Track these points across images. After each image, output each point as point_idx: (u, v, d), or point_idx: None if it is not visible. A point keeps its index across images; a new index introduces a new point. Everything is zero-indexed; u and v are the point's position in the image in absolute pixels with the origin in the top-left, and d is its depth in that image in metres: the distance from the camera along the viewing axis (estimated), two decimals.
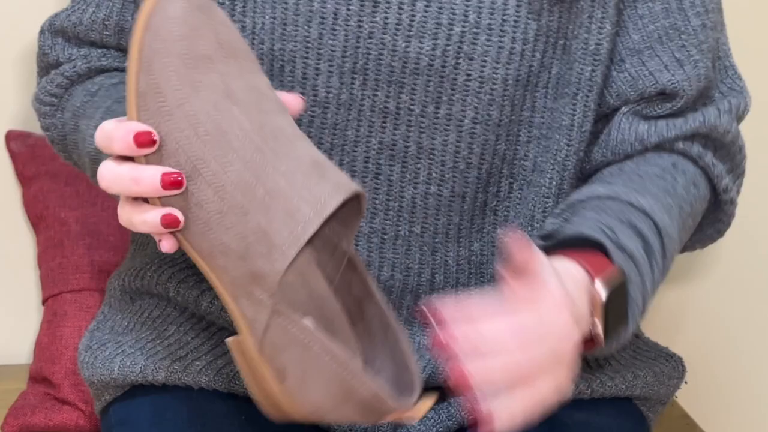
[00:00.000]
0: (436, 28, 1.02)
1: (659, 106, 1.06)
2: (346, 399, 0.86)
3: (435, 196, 1.05)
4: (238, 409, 1.05)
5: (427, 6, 1.02)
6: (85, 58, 1.11)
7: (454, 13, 1.02)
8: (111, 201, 1.41)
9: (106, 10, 1.09)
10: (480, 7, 1.02)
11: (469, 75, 1.02)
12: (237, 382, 1.05)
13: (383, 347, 0.92)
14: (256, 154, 0.84)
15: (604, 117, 1.08)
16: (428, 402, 0.89)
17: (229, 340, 0.87)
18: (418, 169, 1.04)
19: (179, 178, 0.84)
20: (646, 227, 1.00)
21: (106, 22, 1.09)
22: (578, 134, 1.06)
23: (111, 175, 0.85)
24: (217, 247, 0.84)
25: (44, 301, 1.39)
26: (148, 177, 0.83)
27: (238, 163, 0.84)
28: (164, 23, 0.84)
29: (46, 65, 1.13)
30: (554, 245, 0.96)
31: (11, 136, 1.44)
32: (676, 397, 1.33)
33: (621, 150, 1.07)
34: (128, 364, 1.07)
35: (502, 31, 1.02)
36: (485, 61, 1.02)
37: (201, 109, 0.84)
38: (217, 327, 1.08)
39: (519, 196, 1.07)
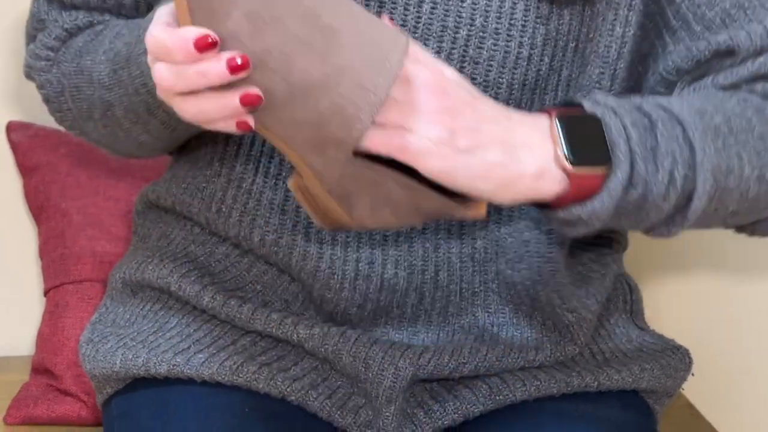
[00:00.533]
0: (442, 31, 1.01)
1: (718, 65, 1.01)
2: (416, 212, 0.90)
3: None
4: (241, 402, 1.05)
5: (433, 8, 1.01)
6: (86, 16, 1.09)
7: (460, 17, 1.01)
8: (114, 191, 1.41)
9: None
10: (487, 11, 1.01)
11: (473, 79, 1.02)
12: (239, 375, 1.05)
13: None
14: (317, 33, 0.85)
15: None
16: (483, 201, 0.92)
17: (291, 183, 0.90)
18: None
19: (243, 61, 0.83)
20: (654, 110, 0.95)
21: None
22: None
23: (171, 74, 0.85)
24: (288, 124, 0.86)
25: (46, 293, 1.39)
26: (215, 66, 0.83)
27: (300, 47, 0.85)
28: None
29: (38, 31, 1.11)
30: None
31: (12, 127, 1.44)
32: (683, 389, 1.32)
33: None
34: (130, 357, 1.07)
35: (509, 35, 1.01)
36: (491, 65, 1.01)
37: (258, 3, 0.84)
38: (219, 320, 1.08)
39: None
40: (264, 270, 1.09)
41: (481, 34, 1.01)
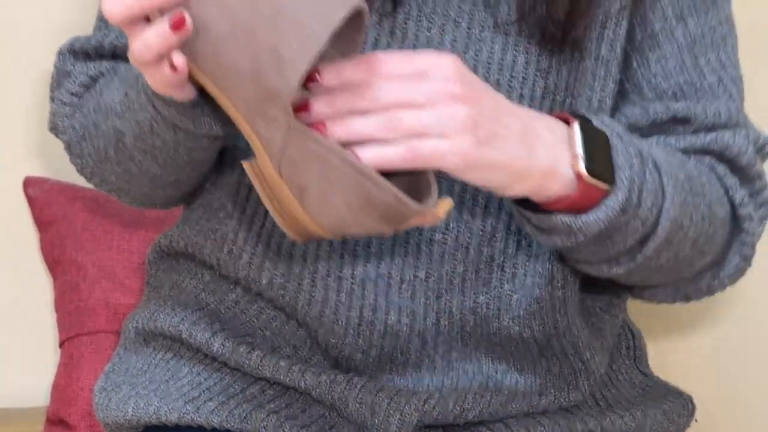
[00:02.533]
0: None
1: (670, 129, 1.05)
2: (368, 206, 0.86)
3: (439, 244, 1.05)
4: None
5: None
6: (113, 60, 1.11)
7: None
8: (127, 244, 1.41)
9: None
10: (489, 64, 1.03)
11: None
12: (249, 422, 1.05)
13: None
14: None
15: None
16: (447, 201, 0.89)
17: (246, 163, 0.89)
18: None
19: (184, 18, 0.84)
20: (644, 148, 0.98)
21: None
22: None
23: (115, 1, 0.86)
24: (228, 69, 0.85)
25: (61, 344, 1.39)
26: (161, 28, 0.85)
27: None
28: None
29: (66, 78, 1.12)
30: None
31: (29, 183, 1.44)
32: None
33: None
34: (142, 405, 1.07)
35: (510, 87, 1.03)
36: None
37: None
38: (229, 368, 1.09)
39: (528, 254, 1.06)
40: (273, 316, 1.09)
41: None
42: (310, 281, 1.06)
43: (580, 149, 0.93)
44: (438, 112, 0.88)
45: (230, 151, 1.09)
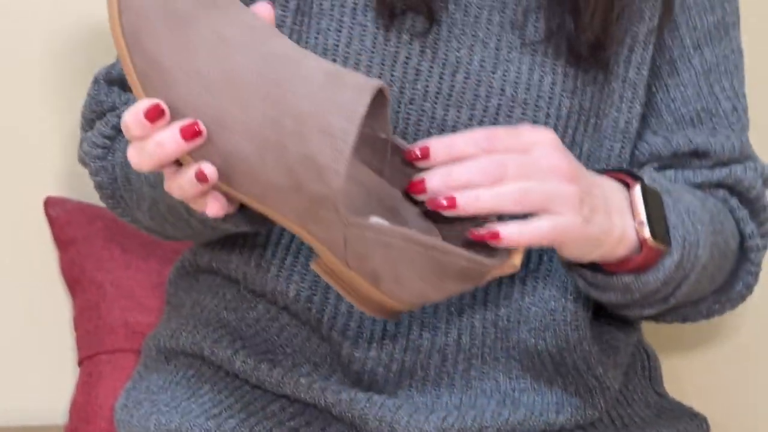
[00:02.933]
0: (474, 100, 1.05)
1: (688, 162, 1.08)
2: (443, 274, 0.86)
3: None
4: None
5: (466, 78, 1.05)
6: None
7: (491, 87, 1.05)
8: (146, 263, 1.41)
9: None
10: (516, 83, 1.05)
11: None
12: None
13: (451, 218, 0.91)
14: (271, 87, 0.84)
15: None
16: (519, 250, 0.89)
17: (314, 264, 0.89)
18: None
19: (196, 127, 0.84)
20: (684, 198, 1.01)
21: None
22: None
23: (135, 152, 0.86)
24: (269, 188, 0.85)
25: (80, 362, 1.39)
26: (168, 135, 0.84)
27: (256, 102, 0.84)
28: None
29: (97, 114, 1.11)
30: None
31: (50, 203, 1.44)
32: None
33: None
34: (163, 422, 1.07)
35: (536, 106, 1.05)
36: None
37: (202, 65, 0.84)
38: (249, 385, 1.09)
39: (549, 268, 1.08)
40: (294, 333, 1.10)
41: (510, 103, 1.05)
42: (336, 294, 1.07)
43: (644, 216, 0.96)
44: (553, 188, 0.90)
45: None
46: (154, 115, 0.84)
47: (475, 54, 1.05)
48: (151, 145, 0.85)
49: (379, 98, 0.88)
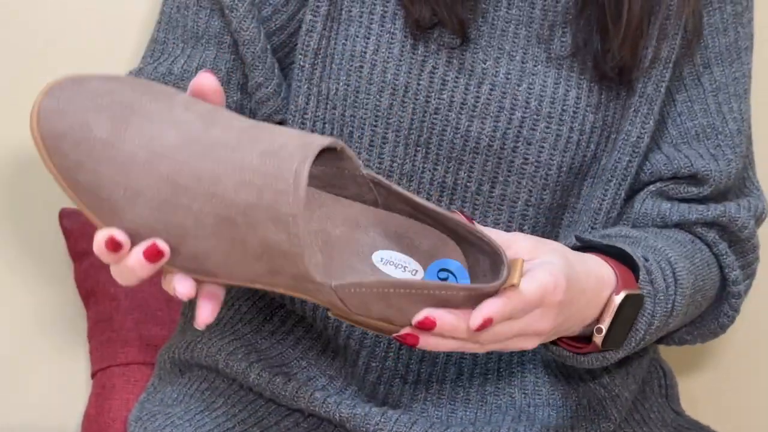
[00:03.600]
0: (499, 111, 1.05)
1: (686, 190, 1.08)
2: (450, 304, 0.86)
3: None
4: None
5: (491, 90, 1.05)
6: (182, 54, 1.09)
7: (516, 99, 1.05)
8: (159, 276, 1.42)
9: (198, 60, 1.07)
10: (542, 96, 1.05)
11: (526, 159, 1.05)
12: None
13: (465, 239, 0.91)
14: (211, 186, 0.83)
15: (629, 191, 1.10)
16: (518, 261, 0.87)
17: (329, 313, 0.88)
18: None
19: (157, 248, 0.84)
20: (669, 273, 1.02)
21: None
22: (603, 218, 1.08)
23: (117, 274, 0.87)
24: (249, 275, 0.84)
25: (93, 375, 1.38)
26: (135, 260, 0.84)
27: (203, 206, 0.83)
28: (56, 130, 0.83)
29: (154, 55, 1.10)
30: (587, 247, 0.99)
31: (64, 214, 1.44)
32: None
33: (642, 222, 1.09)
34: None
35: (561, 120, 1.05)
36: (543, 147, 1.05)
37: (140, 184, 0.83)
38: (264, 399, 1.08)
39: None
40: (309, 345, 1.10)
41: (535, 116, 1.05)
42: None
43: (606, 326, 0.97)
44: (522, 343, 0.92)
45: None
46: (112, 246, 0.85)
47: (501, 66, 1.05)
48: (125, 270, 0.86)
49: (329, 150, 0.87)
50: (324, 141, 0.84)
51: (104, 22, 1.40)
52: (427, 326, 0.84)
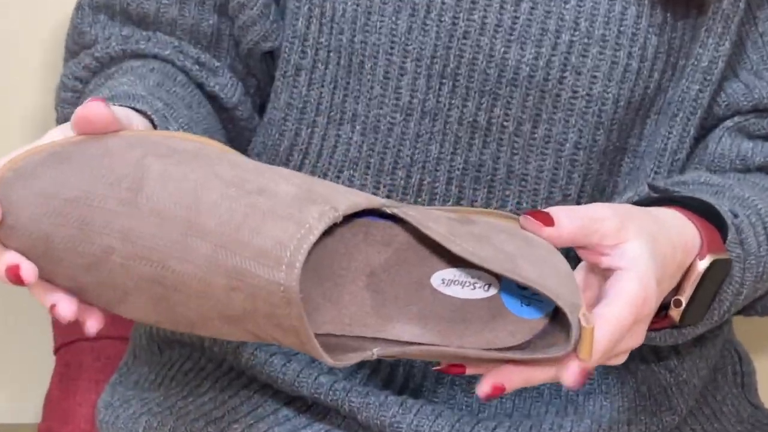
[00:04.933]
0: (541, 35, 1.00)
1: (765, 119, 1.05)
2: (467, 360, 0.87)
3: None
4: None
5: (532, 8, 1.00)
6: (125, 39, 1.06)
7: (562, 20, 1.00)
8: None
9: None
10: (594, 15, 1.00)
11: (575, 92, 1.00)
12: None
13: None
14: (199, 233, 0.82)
15: (701, 129, 1.06)
16: (588, 330, 0.84)
17: None
18: (507, 196, 1.01)
19: (19, 273, 0.82)
20: (761, 229, 0.99)
21: None
22: (669, 161, 1.03)
23: None
24: (257, 330, 0.83)
25: (56, 350, 1.34)
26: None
27: (197, 260, 0.81)
28: (14, 245, 0.83)
29: (80, 46, 1.08)
30: (666, 200, 0.96)
31: None
32: None
33: (719, 166, 1.04)
34: (155, 425, 1.02)
35: (617, 44, 1.00)
36: (595, 77, 1.00)
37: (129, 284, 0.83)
38: (258, 383, 1.04)
39: None
40: None
41: (585, 40, 1.00)
42: None
43: (686, 299, 0.93)
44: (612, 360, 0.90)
45: None
46: (14, 276, 0.83)
47: None
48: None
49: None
50: (318, 227, 0.81)
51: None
52: (496, 394, 0.85)
